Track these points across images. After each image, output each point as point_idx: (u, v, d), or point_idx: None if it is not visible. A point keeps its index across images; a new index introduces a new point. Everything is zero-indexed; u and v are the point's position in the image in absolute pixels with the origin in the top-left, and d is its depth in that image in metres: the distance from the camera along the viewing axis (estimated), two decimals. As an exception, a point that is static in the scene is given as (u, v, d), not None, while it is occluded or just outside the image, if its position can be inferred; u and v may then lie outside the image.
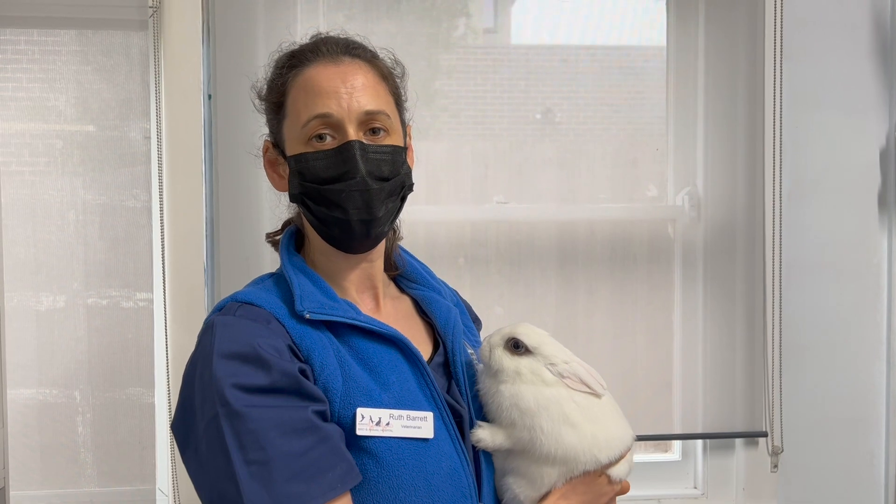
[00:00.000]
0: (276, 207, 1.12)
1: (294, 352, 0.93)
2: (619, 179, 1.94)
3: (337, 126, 0.97)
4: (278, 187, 1.04)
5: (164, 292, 1.78)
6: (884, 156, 1.97)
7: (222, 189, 1.78)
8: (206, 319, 0.98)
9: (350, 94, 0.96)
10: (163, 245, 1.78)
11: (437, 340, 1.08)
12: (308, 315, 0.95)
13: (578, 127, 1.94)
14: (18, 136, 1.80)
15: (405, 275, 1.14)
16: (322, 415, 0.91)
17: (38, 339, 1.80)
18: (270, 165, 1.04)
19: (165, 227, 1.78)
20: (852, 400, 1.97)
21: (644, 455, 2.04)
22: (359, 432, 0.92)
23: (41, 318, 1.80)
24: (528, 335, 1.01)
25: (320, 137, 0.96)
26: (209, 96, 1.79)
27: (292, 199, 1.00)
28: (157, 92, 1.78)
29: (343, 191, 0.96)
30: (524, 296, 1.90)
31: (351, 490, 0.91)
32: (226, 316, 0.95)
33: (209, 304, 1.78)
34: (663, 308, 1.93)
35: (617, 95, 1.94)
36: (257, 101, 1.05)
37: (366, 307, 1.05)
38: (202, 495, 0.93)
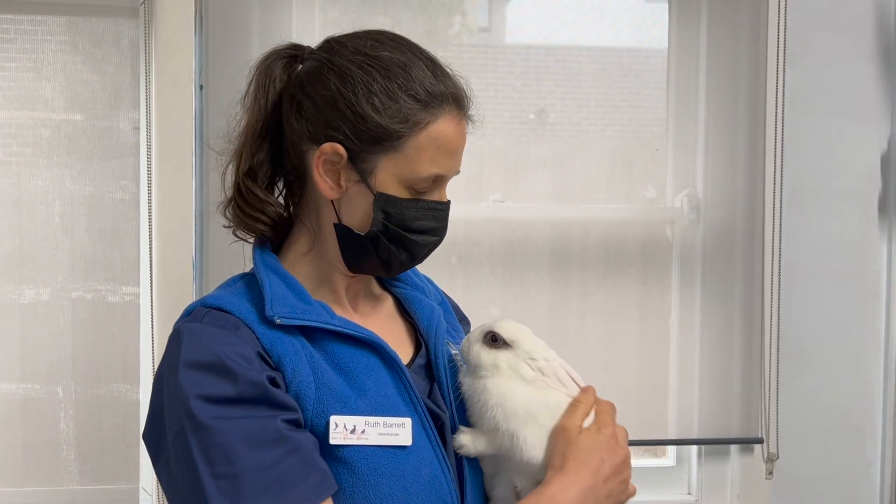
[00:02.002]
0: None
1: (264, 359, 0.90)
2: (617, 180, 1.91)
3: (440, 183, 0.98)
4: (329, 193, 0.95)
5: (151, 287, 1.74)
6: (885, 161, 1.95)
7: (213, 182, 1.74)
8: (175, 325, 0.94)
9: (459, 160, 0.99)
10: (150, 238, 1.74)
11: (419, 341, 1.05)
12: (279, 320, 0.91)
13: (574, 128, 1.91)
14: (4, 125, 1.76)
15: None
16: (294, 423, 0.88)
17: (21, 332, 1.76)
18: (328, 169, 0.94)
19: (153, 220, 1.74)
20: (849, 407, 1.95)
21: (638, 460, 2.01)
22: (332, 441, 0.89)
23: (24, 311, 1.76)
24: (505, 328, 0.98)
25: (424, 189, 0.96)
26: (201, 87, 1.75)
27: (367, 232, 0.95)
28: (148, 82, 1.74)
29: (426, 244, 0.97)
30: (518, 296, 1.87)
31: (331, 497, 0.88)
32: (193, 322, 0.92)
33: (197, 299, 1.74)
34: (660, 311, 1.91)
35: (617, 96, 1.91)
36: (354, 108, 0.92)
37: (345, 308, 1.01)
38: None
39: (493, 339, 0.97)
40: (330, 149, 0.93)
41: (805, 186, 1.92)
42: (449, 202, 0.98)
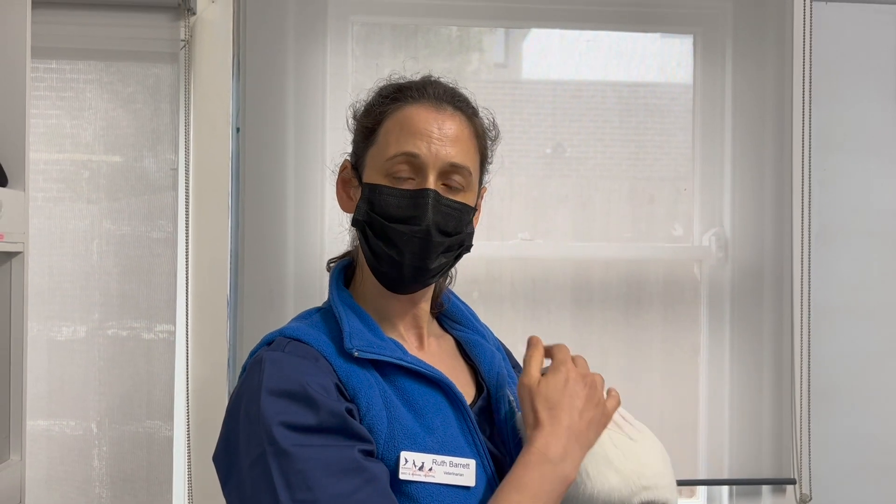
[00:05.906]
0: (337, 234, 1.13)
1: (341, 390, 0.93)
2: (643, 218, 1.93)
3: (419, 169, 0.98)
4: (345, 207, 1.06)
5: (187, 325, 1.76)
6: (912, 199, 1.96)
7: (248, 223, 1.78)
8: (253, 353, 0.98)
9: (441, 141, 0.98)
10: (187, 277, 1.77)
11: (479, 384, 1.07)
12: (357, 353, 0.94)
13: (592, 162, 1.92)
14: (45, 165, 1.81)
15: (449, 314, 1.13)
16: (369, 454, 0.90)
17: (57, 369, 1.78)
18: (343, 184, 1.05)
19: (190, 258, 1.77)
20: (883, 446, 1.93)
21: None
22: (401, 476, 0.91)
23: (60, 348, 1.79)
24: None
25: (401, 175, 0.98)
26: (237, 129, 1.79)
27: (354, 223, 1.01)
28: (186, 124, 1.79)
29: (405, 234, 0.97)
30: (541, 334, 1.86)
31: None
32: (275, 352, 0.95)
33: (231, 338, 1.76)
34: (689, 350, 1.91)
35: (642, 133, 1.93)
36: (351, 121, 1.06)
37: (411, 345, 1.04)
38: None
39: None
40: (343, 166, 1.05)
41: (833, 224, 1.93)
42: (428, 190, 0.97)
